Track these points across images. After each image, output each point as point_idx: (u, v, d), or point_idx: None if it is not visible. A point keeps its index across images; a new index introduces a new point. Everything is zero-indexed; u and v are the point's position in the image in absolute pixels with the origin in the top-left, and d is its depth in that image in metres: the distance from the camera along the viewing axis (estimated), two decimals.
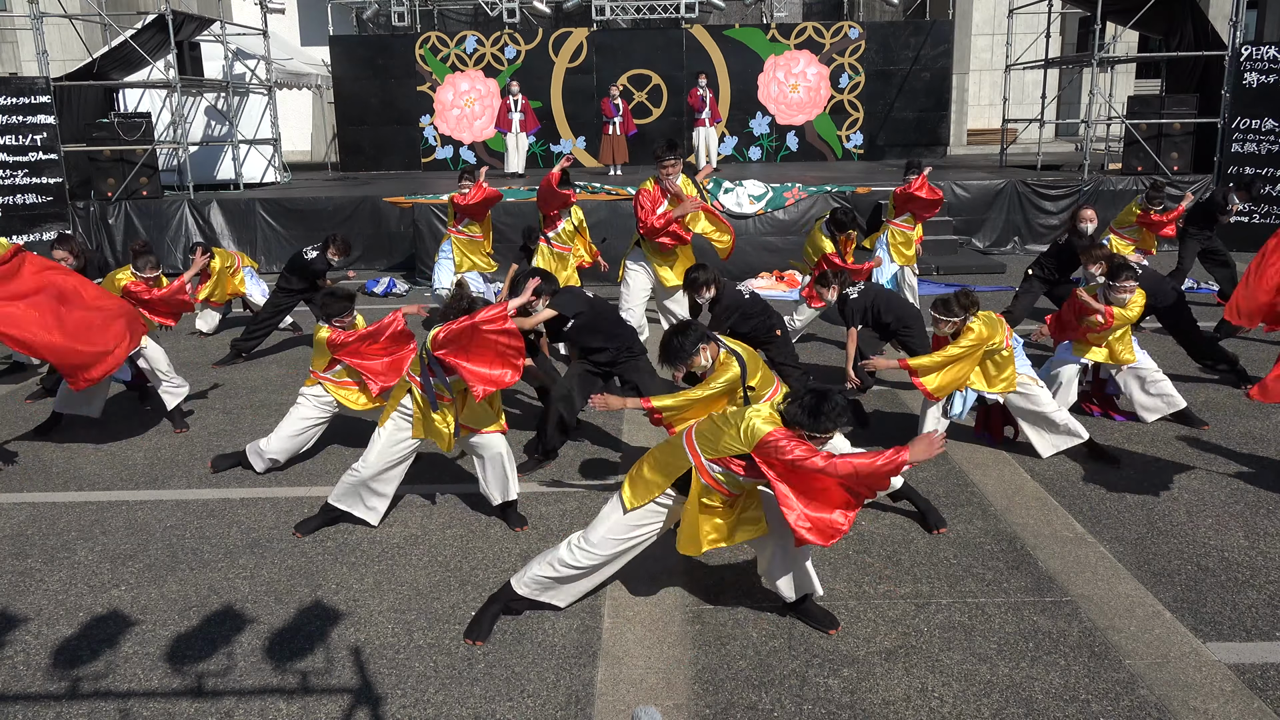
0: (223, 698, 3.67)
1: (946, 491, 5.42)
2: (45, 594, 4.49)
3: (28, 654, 3.99)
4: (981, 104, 22.38)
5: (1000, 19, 18.62)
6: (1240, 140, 12.86)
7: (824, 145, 18.11)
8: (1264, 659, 3.79)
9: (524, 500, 5.40)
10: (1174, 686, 3.62)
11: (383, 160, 18.09)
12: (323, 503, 5.13)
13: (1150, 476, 5.59)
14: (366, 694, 3.68)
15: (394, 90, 17.83)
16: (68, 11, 15.90)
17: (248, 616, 4.25)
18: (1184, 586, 4.35)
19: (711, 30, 17.80)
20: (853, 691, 3.64)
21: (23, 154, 12.90)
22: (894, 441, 4.11)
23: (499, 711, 3.57)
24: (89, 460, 6.22)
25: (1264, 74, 12.66)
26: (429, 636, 4.06)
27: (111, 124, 13.84)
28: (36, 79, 12.93)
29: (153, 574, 4.66)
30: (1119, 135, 16.67)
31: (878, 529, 4.97)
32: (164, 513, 5.38)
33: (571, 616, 4.18)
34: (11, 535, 5.13)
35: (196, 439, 6.59)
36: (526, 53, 17.56)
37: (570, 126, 17.90)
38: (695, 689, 3.68)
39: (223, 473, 5.93)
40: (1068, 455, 5.90)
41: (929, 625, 4.07)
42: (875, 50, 17.74)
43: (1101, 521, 5.03)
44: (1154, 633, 3.98)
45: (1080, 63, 15.91)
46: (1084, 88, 16.47)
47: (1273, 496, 5.28)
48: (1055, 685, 3.65)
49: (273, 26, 16.99)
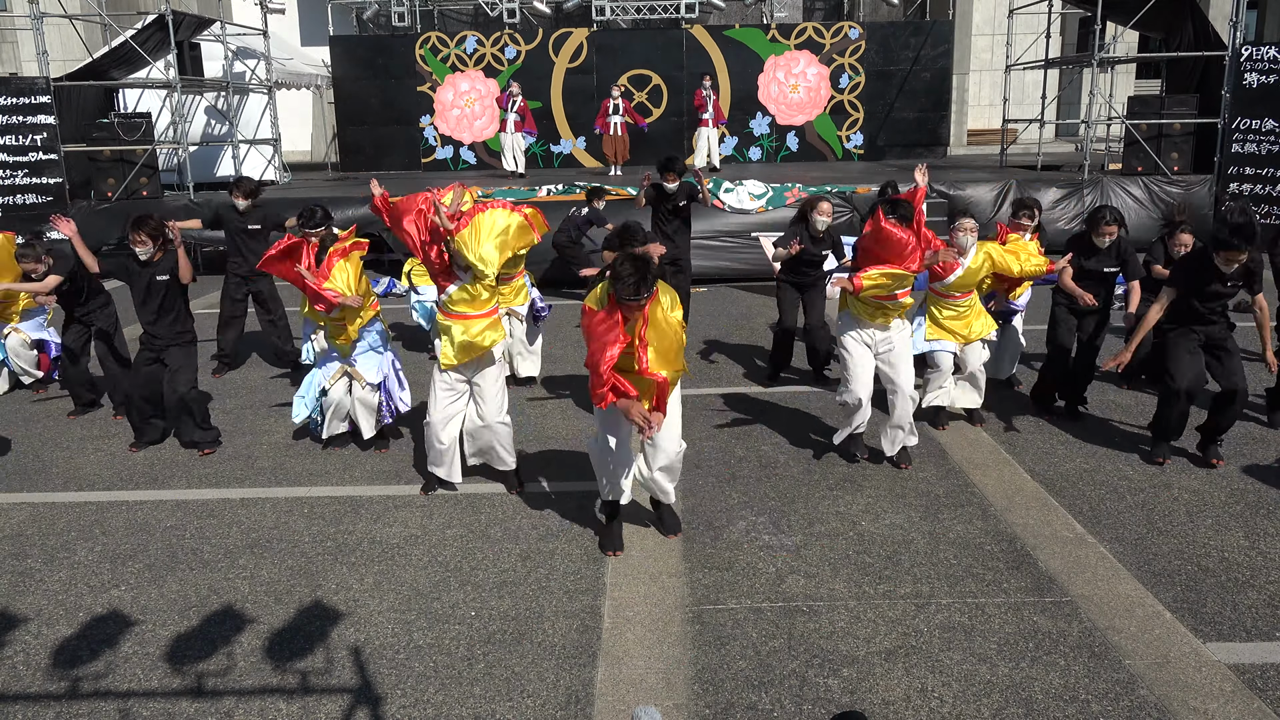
0: (223, 698, 3.67)
1: (946, 492, 5.42)
2: (45, 594, 4.49)
3: (28, 654, 3.99)
4: (981, 104, 22.38)
5: (1000, 19, 18.63)
6: (1240, 140, 12.86)
7: (824, 145, 18.11)
8: (1264, 659, 3.79)
9: (524, 500, 5.41)
10: (1174, 687, 3.62)
11: (383, 160, 18.09)
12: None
13: (1150, 476, 5.59)
14: (366, 694, 3.68)
15: (394, 90, 17.83)
16: (68, 11, 15.91)
17: (248, 616, 4.25)
18: (1184, 587, 4.35)
19: (711, 30, 17.80)
20: (853, 691, 3.64)
21: (23, 154, 12.92)
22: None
23: (499, 711, 3.57)
24: (89, 460, 6.22)
25: (1264, 74, 12.66)
26: (429, 636, 4.06)
27: (111, 124, 13.84)
28: (36, 79, 12.95)
29: (153, 574, 4.66)
30: (1119, 135, 16.68)
31: (878, 529, 4.97)
32: (164, 513, 5.38)
33: (571, 617, 4.18)
34: (11, 535, 5.13)
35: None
36: (526, 53, 17.56)
37: (570, 127, 17.90)
38: (695, 689, 3.68)
39: (223, 473, 5.93)
40: (1069, 456, 5.91)
41: (929, 625, 4.07)
42: (875, 50, 17.74)
43: (1101, 521, 5.03)
44: (1154, 633, 3.98)
45: (1080, 63, 15.90)
46: (1084, 88, 16.47)
47: (1273, 496, 5.28)
48: (1055, 685, 3.65)
49: (273, 26, 16.99)
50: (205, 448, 6.28)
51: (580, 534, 4.97)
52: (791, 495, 5.42)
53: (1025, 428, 6.43)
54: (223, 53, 16.36)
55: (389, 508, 5.35)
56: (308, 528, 5.14)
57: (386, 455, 6.17)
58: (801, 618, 4.14)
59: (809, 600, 4.28)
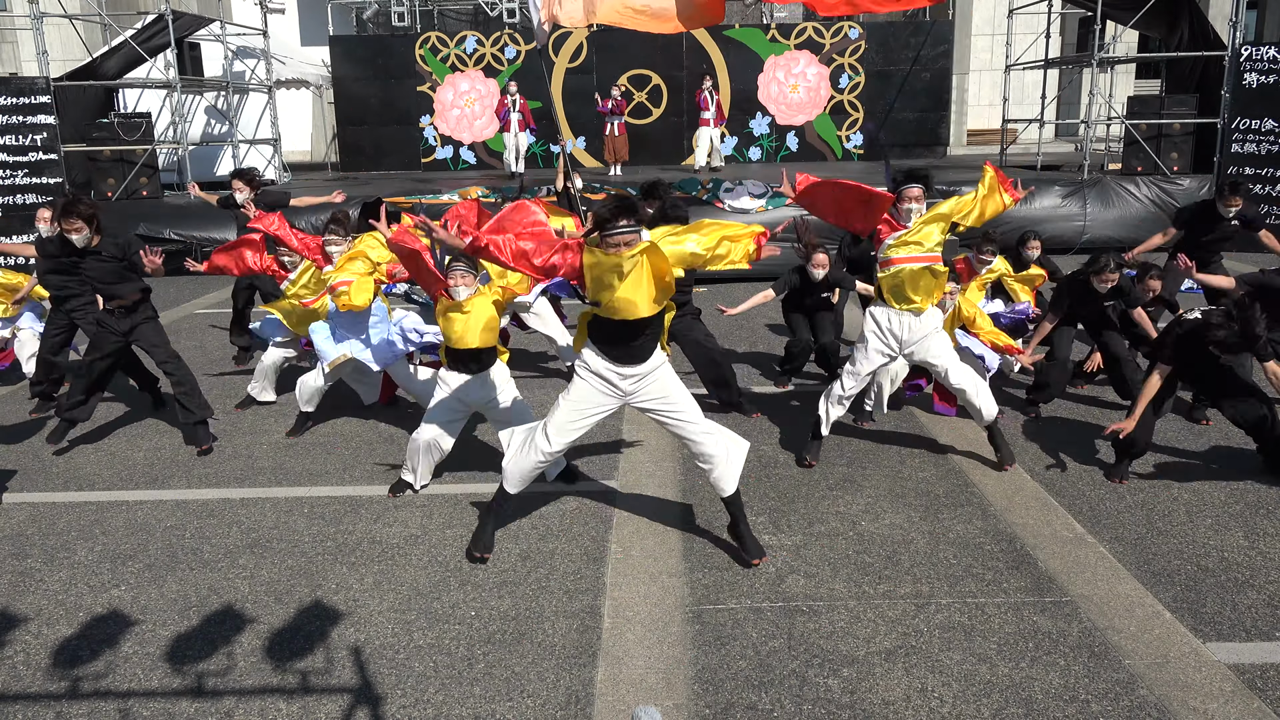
0: (223, 698, 3.67)
1: (946, 492, 5.43)
2: (45, 594, 4.49)
3: (28, 654, 3.99)
4: (981, 104, 22.39)
5: (1000, 19, 18.63)
6: (1240, 140, 12.86)
7: (824, 145, 18.12)
8: (1264, 659, 3.79)
9: (524, 500, 5.41)
10: (1174, 687, 3.62)
11: (383, 160, 18.10)
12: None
13: (1150, 476, 5.59)
14: (366, 694, 3.68)
15: (394, 90, 17.84)
16: (68, 11, 15.91)
17: (248, 616, 4.25)
18: (1184, 586, 4.36)
19: (711, 30, 17.79)
20: (853, 691, 3.64)
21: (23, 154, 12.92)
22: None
23: (499, 711, 3.57)
24: (89, 460, 6.22)
25: (1264, 74, 12.66)
26: (429, 636, 4.06)
27: (111, 124, 13.85)
28: (36, 79, 12.95)
29: (153, 574, 4.66)
30: (1119, 135, 16.68)
31: (878, 529, 4.98)
32: (164, 513, 5.38)
33: (571, 617, 4.18)
34: (11, 535, 5.13)
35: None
36: (526, 53, 17.57)
37: (570, 127, 17.90)
38: (695, 689, 3.68)
39: (223, 473, 5.93)
40: (1069, 456, 5.91)
41: (929, 625, 4.07)
42: (875, 50, 17.75)
43: (1101, 521, 5.03)
44: (1154, 633, 3.98)
45: (1080, 63, 15.91)
46: (1084, 88, 16.47)
47: (1273, 496, 5.28)
48: (1055, 685, 3.65)
49: (272, 26, 17.00)
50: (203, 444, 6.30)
51: (580, 534, 4.97)
52: (791, 495, 5.42)
53: (1025, 428, 6.43)
54: (223, 53, 16.37)
55: (389, 508, 5.36)
56: (308, 528, 5.14)
57: (387, 455, 6.16)
58: (801, 618, 4.14)
59: (809, 600, 4.28)
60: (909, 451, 6.05)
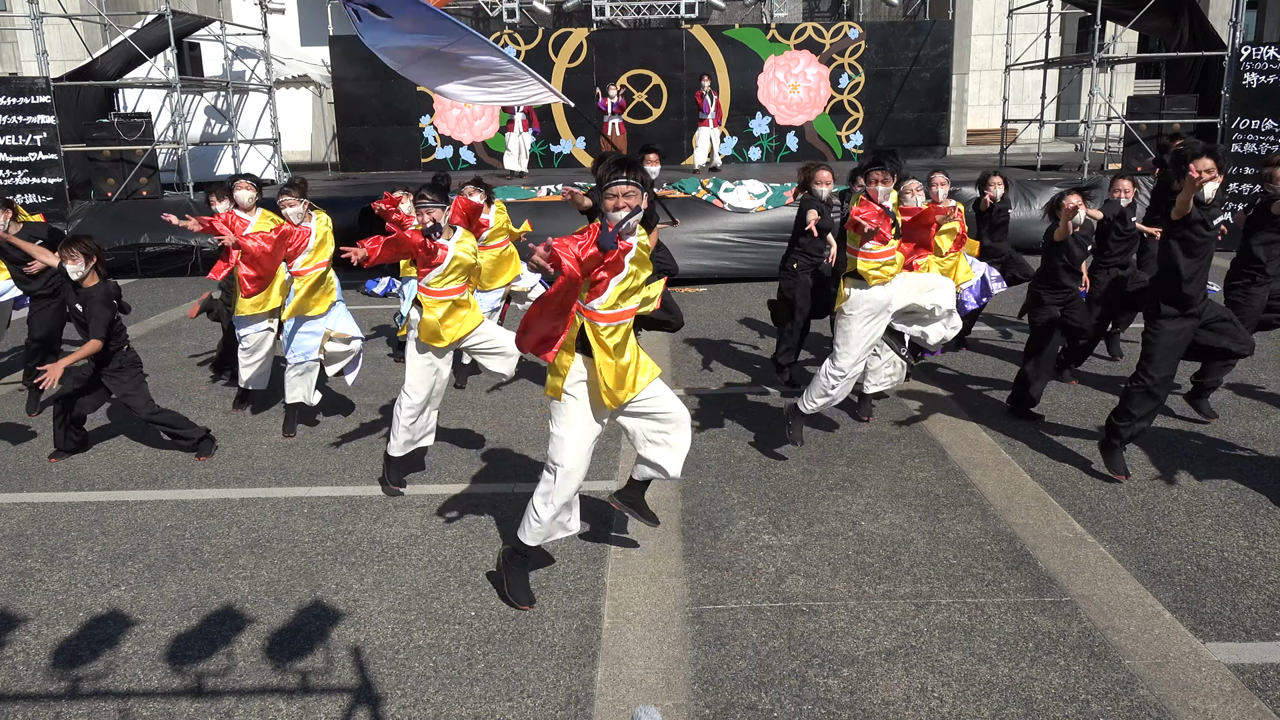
0: (223, 698, 3.67)
1: (946, 492, 5.43)
2: (45, 594, 4.49)
3: (28, 654, 3.99)
4: (981, 104, 22.40)
5: (1000, 19, 18.64)
6: (1240, 140, 12.87)
7: (824, 145, 18.12)
8: (1264, 659, 3.79)
9: (524, 500, 5.40)
10: (1174, 687, 3.62)
11: (383, 160, 18.10)
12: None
13: (1150, 477, 5.59)
14: (366, 694, 3.69)
15: (394, 90, 17.83)
16: (68, 11, 15.91)
17: (248, 616, 4.25)
18: (1184, 586, 4.36)
19: (711, 30, 17.80)
20: (853, 691, 3.64)
21: (23, 154, 12.93)
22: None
23: (499, 711, 3.57)
24: (89, 460, 6.22)
25: (1264, 74, 12.67)
26: (429, 636, 4.06)
27: (111, 124, 13.85)
28: (36, 79, 12.95)
29: (153, 574, 4.66)
30: (1119, 135, 16.69)
31: (878, 529, 4.98)
32: (164, 513, 5.38)
33: (571, 617, 4.18)
34: (11, 535, 5.13)
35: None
36: (526, 53, 17.56)
37: (570, 127, 17.90)
38: (695, 689, 3.68)
39: (223, 473, 5.93)
40: (1069, 456, 5.91)
41: (929, 625, 4.07)
42: (875, 50, 17.75)
43: (1101, 521, 5.03)
44: (1154, 633, 3.98)
45: (1080, 63, 15.91)
46: (1084, 88, 16.48)
47: (1273, 496, 5.28)
48: (1055, 685, 3.65)
49: (272, 26, 17.00)
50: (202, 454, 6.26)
51: (580, 534, 4.96)
52: (791, 495, 5.42)
53: (1025, 428, 6.43)
54: (223, 52, 16.37)
55: (389, 508, 5.36)
56: (308, 528, 5.14)
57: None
58: (801, 618, 4.14)
59: (809, 600, 4.28)
60: (909, 451, 6.05)
